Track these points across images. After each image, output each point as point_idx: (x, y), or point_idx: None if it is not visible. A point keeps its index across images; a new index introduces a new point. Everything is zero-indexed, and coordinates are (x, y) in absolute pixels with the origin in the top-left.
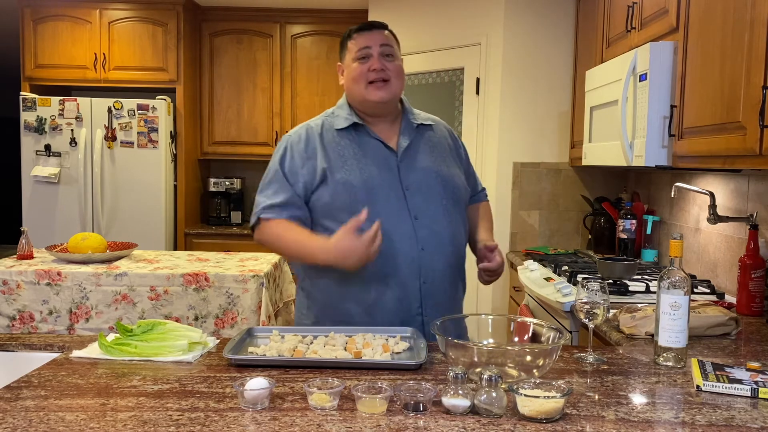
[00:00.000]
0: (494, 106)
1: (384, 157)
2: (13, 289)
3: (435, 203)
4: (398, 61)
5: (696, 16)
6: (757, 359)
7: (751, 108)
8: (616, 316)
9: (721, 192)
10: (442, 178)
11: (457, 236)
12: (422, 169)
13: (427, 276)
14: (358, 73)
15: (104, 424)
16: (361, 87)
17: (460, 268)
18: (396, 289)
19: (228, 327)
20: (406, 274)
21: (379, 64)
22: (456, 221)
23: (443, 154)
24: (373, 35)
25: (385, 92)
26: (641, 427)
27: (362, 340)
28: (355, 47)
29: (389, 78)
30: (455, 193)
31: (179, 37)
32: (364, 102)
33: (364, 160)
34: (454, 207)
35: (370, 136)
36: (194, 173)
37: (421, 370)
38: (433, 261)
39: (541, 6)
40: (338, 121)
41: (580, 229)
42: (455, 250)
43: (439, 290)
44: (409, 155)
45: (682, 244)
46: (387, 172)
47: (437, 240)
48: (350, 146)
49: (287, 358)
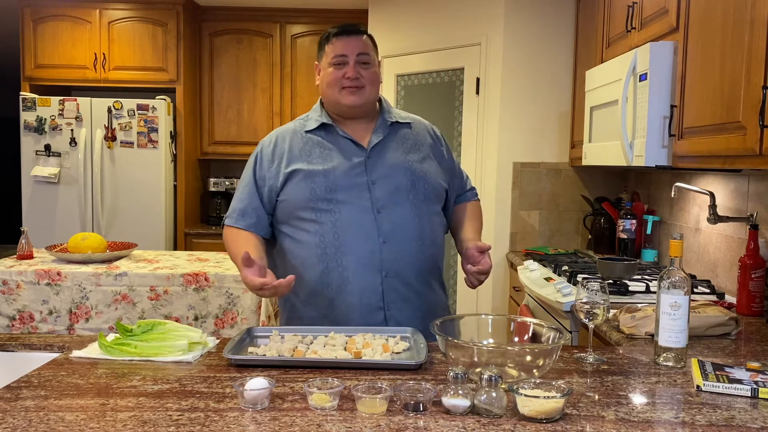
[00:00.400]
0: (494, 106)
1: (351, 152)
2: (13, 289)
3: (402, 197)
4: (374, 67)
5: (696, 16)
6: (757, 359)
7: (751, 108)
8: (616, 316)
9: (721, 192)
10: (413, 173)
11: (426, 232)
12: (391, 164)
13: (389, 269)
14: (332, 79)
15: (104, 424)
16: (335, 91)
17: (433, 266)
18: (356, 281)
19: (228, 327)
20: (366, 267)
21: (353, 72)
22: (426, 217)
23: (419, 151)
24: (350, 42)
25: (357, 97)
26: (641, 427)
27: (362, 340)
28: (332, 52)
29: (363, 85)
30: (427, 189)
31: (179, 37)
32: (337, 105)
33: (329, 155)
34: (425, 203)
35: (339, 135)
36: (194, 173)
37: (421, 370)
38: (397, 254)
39: (541, 6)
40: (309, 123)
41: (580, 229)
42: (424, 246)
43: (403, 285)
44: (378, 151)
45: (682, 244)
46: (352, 167)
47: (402, 234)
48: (318, 145)
49: (287, 359)
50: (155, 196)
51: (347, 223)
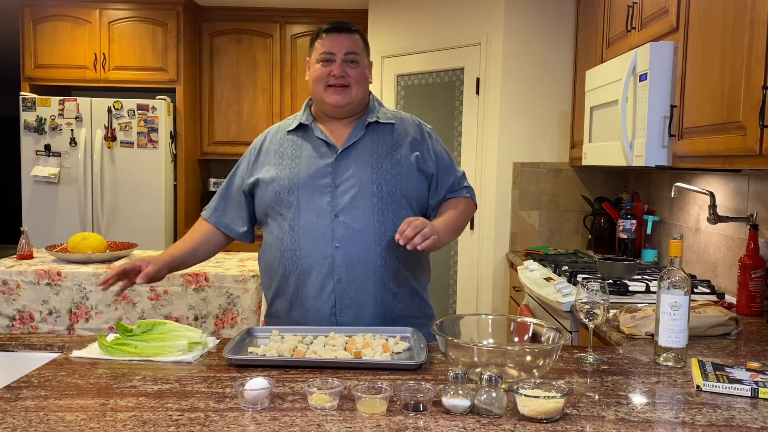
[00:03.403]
0: (494, 106)
1: (321, 154)
2: (13, 289)
3: (365, 202)
4: (362, 67)
5: (696, 16)
6: (757, 359)
7: (751, 108)
8: (616, 316)
9: (721, 192)
10: (381, 176)
11: (387, 234)
12: (359, 167)
13: (341, 275)
14: (319, 75)
15: (104, 424)
16: (320, 88)
17: (398, 272)
18: (311, 286)
19: (228, 327)
20: (320, 272)
21: (339, 70)
22: (391, 222)
23: (396, 152)
24: (340, 39)
25: (342, 97)
26: (641, 427)
27: (362, 340)
28: (321, 48)
29: (349, 84)
30: (395, 192)
31: (179, 37)
32: (321, 102)
33: (298, 159)
34: (390, 207)
35: (313, 136)
36: (194, 173)
37: (421, 370)
38: (350, 260)
39: (541, 6)
40: (292, 122)
41: (580, 229)
42: (385, 252)
43: (357, 291)
44: (349, 154)
45: (682, 244)
46: (318, 171)
47: (358, 239)
48: (292, 147)
49: (287, 358)
50: (155, 196)
51: (303, 226)
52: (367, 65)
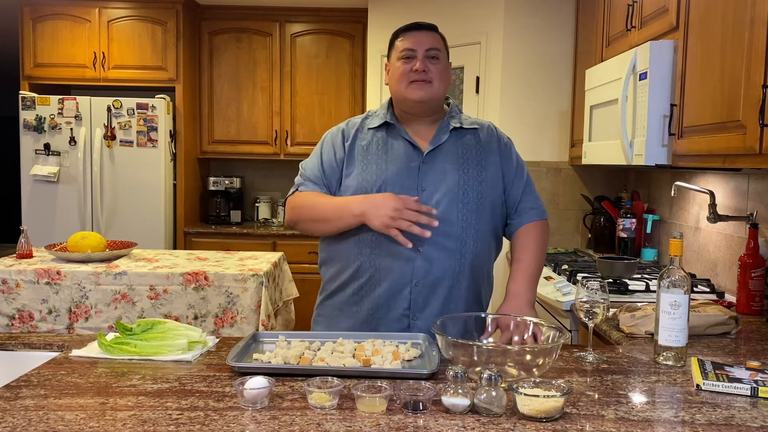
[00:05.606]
0: (494, 105)
1: (407, 157)
2: (13, 288)
3: (450, 207)
4: (444, 63)
5: (696, 14)
6: (756, 358)
7: (751, 107)
8: (615, 315)
9: (721, 191)
10: (468, 182)
11: (468, 243)
12: (444, 171)
13: (419, 279)
14: (401, 72)
15: (104, 424)
16: (402, 86)
17: (475, 277)
18: (387, 285)
19: (227, 326)
20: (399, 273)
21: (422, 65)
22: (473, 227)
23: (479, 159)
24: (420, 36)
25: (424, 92)
26: (641, 426)
27: (371, 346)
28: (401, 46)
29: (431, 79)
30: (479, 199)
31: (179, 35)
32: (404, 100)
33: (384, 158)
34: (474, 213)
35: (399, 136)
36: (194, 172)
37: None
38: (431, 264)
39: (541, 4)
40: (374, 120)
41: (580, 228)
42: (464, 258)
43: (434, 296)
44: (434, 157)
45: (682, 243)
46: (405, 172)
47: (441, 243)
48: (377, 145)
49: (292, 367)
50: (155, 195)
51: None
52: (448, 64)
